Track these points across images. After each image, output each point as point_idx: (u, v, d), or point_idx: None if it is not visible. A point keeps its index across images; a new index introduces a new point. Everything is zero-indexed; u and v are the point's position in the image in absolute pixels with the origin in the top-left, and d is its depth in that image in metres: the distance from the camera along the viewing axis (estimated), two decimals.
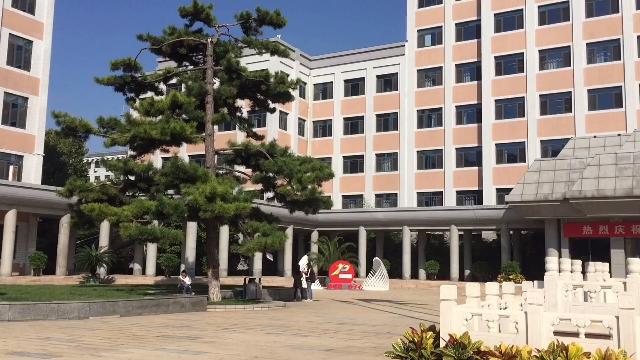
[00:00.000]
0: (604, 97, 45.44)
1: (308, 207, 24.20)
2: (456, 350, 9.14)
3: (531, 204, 36.03)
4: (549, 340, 8.92)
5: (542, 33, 48.11)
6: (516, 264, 39.02)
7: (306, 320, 17.81)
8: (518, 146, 48.21)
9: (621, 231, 34.66)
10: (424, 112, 53.09)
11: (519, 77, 48.58)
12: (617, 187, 32.74)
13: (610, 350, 8.36)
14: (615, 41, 45.43)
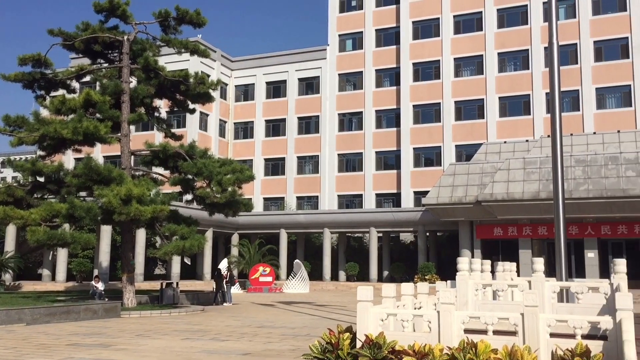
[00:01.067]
0: (514, 104, 47.73)
1: (228, 209, 23.92)
2: (372, 350, 9.29)
3: (446, 206, 37.27)
4: (460, 338, 9.22)
5: (457, 42, 49.95)
6: (432, 265, 40.25)
7: (224, 325, 17.58)
8: (434, 150, 49.77)
9: (529, 232, 36.49)
10: (345, 115, 53.80)
11: (435, 84, 50.19)
12: (525, 190, 34.44)
13: (515, 347, 8.75)
14: (524, 51, 47.83)
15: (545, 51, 46.69)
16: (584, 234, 35.13)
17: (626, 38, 45.03)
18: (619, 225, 34.47)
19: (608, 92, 45.38)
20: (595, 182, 33.24)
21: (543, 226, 35.51)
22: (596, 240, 35.08)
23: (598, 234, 35.01)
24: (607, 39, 45.60)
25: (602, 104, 45.50)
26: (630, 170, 32.99)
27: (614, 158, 33.85)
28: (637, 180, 32.45)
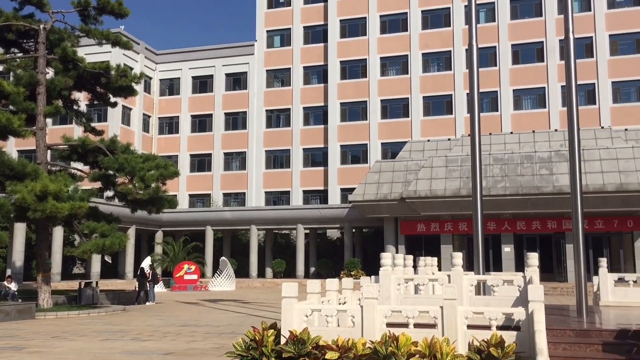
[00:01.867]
0: (437, 104, 49.11)
1: (151, 206, 23.32)
2: (296, 346, 9.31)
3: (372, 203, 37.89)
4: (383, 332, 9.40)
5: (383, 41, 50.83)
6: (357, 261, 40.83)
7: (146, 324, 17.14)
8: (361, 148, 50.48)
9: (450, 228, 37.68)
10: (272, 112, 53.62)
11: (362, 82, 50.88)
12: (447, 188, 35.53)
13: (435, 338, 9.01)
14: (447, 53, 49.28)
15: (466, 52, 48.29)
16: (501, 230, 36.63)
17: (541, 42, 47.25)
18: (533, 221, 36.17)
19: (524, 94, 47.50)
20: (512, 180, 34.72)
21: (463, 222, 36.75)
22: (512, 236, 36.67)
23: (514, 229, 36.60)
24: (523, 42, 47.69)
25: (518, 105, 47.56)
26: (544, 168, 34.68)
27: (529, 157, 35.48)
28: (550, 178, 34.14)
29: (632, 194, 32.67)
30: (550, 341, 9.49)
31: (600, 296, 15.46)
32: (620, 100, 45.46)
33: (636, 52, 45.33)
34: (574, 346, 9.62)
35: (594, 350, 9.53)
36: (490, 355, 8.69)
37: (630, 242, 35.32)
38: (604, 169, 33.77)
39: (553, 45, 46.50)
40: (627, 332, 9.96)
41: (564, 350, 9.55)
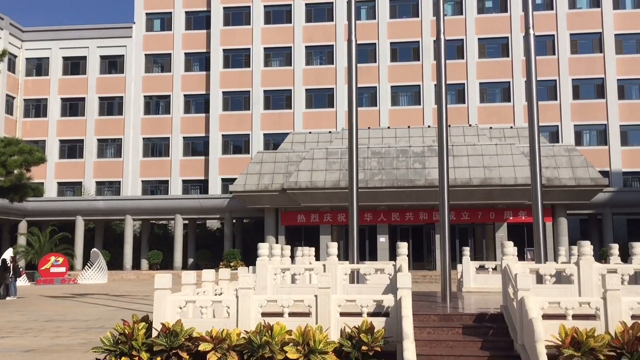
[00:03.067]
0: (319, 97, 49.92)
1: (14, 194, 21.72)
2: (168, 338, 9.08)
3: (253, 193, 37.80)
4: (258, 322, 9.42)
5: (267, 31, 50.72)
6: (237, 252, 40.62)
7: (6, 320, 15.95)
8: (243, 138, 50.14)
9: (329, 219, 38.55)
10: (151, 98, 51.75)
11: (245, 72, 50.49)
12: (327, 179, 36.27)
13: (309, 326, 9.18)
14: (329, 47, 50.16)
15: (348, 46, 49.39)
16: (377, 221, 38.04)
17: (417, 42, 49.45)
18: (407, 212, 37.91)
19: (401, 91, 49.55)
20: (388, 173, 36.13)
21: (342, 213, 37.71)
22: (387, 226, 38.21)
23: (389, 220, 38.15)
24: (402, 41, 49.67)
25: (396, 102, 49.53)
26: (418, 162, 36.42)
27: (404, 151, 37.08)
28: (422, 172, 35.92)
29: (494, 188, 35.20)
30: (416, 326, 9.99)
31: (464, 283, 16.52)
32: (486, 101, 48.74)
33: (501, 56, 48.78)
34: (438, 330, 10.21)
35: (455, 333, 10.16)
36: (360, 341, 9.00)
37: (492, 232, 38.06)
38: (471, 164, 36.07)
39: (428, 46, 48.82)
40: (485, 316, 10.72)
41: (428, 334, 10.09)
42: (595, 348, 8.50)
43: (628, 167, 46.43)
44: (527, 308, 9.06)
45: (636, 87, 47.47)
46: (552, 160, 36.45)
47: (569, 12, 48.53)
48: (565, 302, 9.34)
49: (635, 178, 46.82)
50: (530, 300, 9.17)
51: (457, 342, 9.84)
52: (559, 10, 48.50)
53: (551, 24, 48.33)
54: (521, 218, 36.96)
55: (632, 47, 47.86)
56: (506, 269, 10.90)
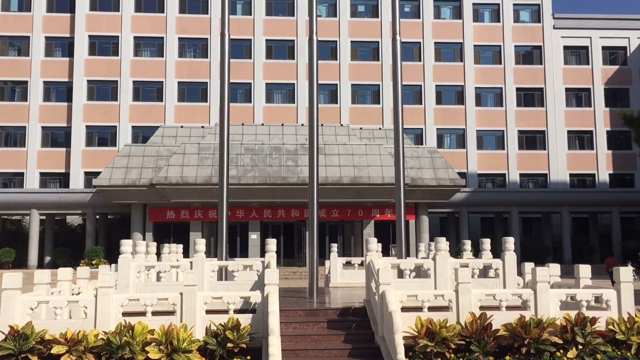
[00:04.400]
0: (192, 90, 48.78)
1: None
2: (17, 342, 8.44)
3: (119, 188, 36.13)
4: (118, 322, 9.02)
5: (138, 20, 48.69)
6: (100, 249, 38.65)
7: None
8: (110, 130, 47.76)
9: (200, 215, 37.83)
10: (6, 83, 47.67)
11: (113, 60, 48.12)
12: (199, 175, 35.55)
13: (172, 325, 8.95)
14: (204, 40, 49.19)
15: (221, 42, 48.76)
16: (249, 217, 37.95)
17: (292, 41, 49.97)
18: (279, 209, 38.18)
19: (276, 88, 49.79)
20: (261, 170, 36.16)
21: (214, 210, 37.15)
22: (259, 223, 38.24)
23: (261, 217, 38.21)
24: (277, 39, 49.90)
25: (270, 99, 49.68)
26: (290, 160, 36.80)
27: (277, 148, 37.30)
28: (295, 169, 36.35)
29: (363, 187, 36.46)
30: (282, 321, 10.10)
31: (331, 278, 16.96)
32: (358, 102, 50.37)
33: (372, 60, 50.64)
34: (304, 325, 10.39)
35: (320, 327, 10.40)
36: (226, 338, 8.93)
37: (360, 229, 39.42)
38: (342, 163, 37.09)
39: (303, 45, 49.48)
40: (349, 310, 11.08)
41: (294, 329, 10.24)
42: (447, 338, 9.09)
43: (483, 169, 50.18)
44: (387, 301, 9.49)
45: (491, 96, 51.40)
46: (416, 161, 38.46)
47: (434, 22, 51.43)
48: (422, 295, 9.90)
49: (489, 179, 50.72)
50: (391, 294, 9.61)
51: (321, 336, 10.08)
52: (425, 19, 51.25)
53: (418, 31, 50.95)
54: (387, 216, 38.62)
55: (489, 58, 51.74)
56: (370, 264, 11.34)
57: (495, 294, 10.02)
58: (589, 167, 50.97)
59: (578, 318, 9.48)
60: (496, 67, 51.33)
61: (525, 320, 9.38)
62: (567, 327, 9.36)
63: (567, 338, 9.26)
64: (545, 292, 9.91)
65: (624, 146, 50.36)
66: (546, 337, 9.17)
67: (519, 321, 9.37)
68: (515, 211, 45.56)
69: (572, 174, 50.82)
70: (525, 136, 50.93)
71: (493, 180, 50.66)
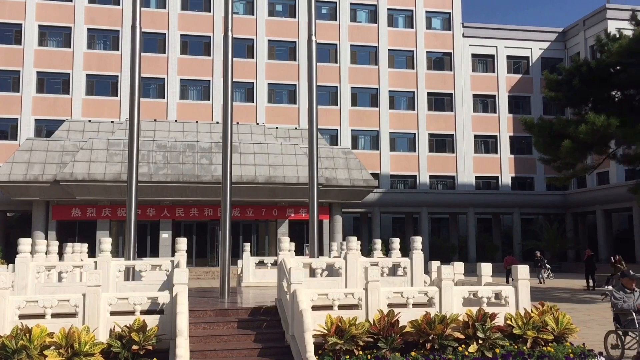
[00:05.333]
0: (102, 83, 46.90)
1: None
2: None
3: (20, 184, 34.14)
4: (14, 325, 8.53)
5: (43, 8, 46.23)
6: None
7: None
8: (10, 122, 45.05)
9: (108, 214, 36.42)
10: None
11: (15, 49, 45.41)
12: (107, 172, 34.24)
13: (74, 328, 8.56)
14: (115, 32, 47.42)
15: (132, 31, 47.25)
16: (160, 216, 36.96)
17: (209, 37, 49.19)
18: (191, 208, 37.45)
19: (190, 85, 48.84)
20: (174, 167, 35.33)
21: (123, 208, 35.88)
22: (171, 222, 37.34)
23: (173, 216, 37.33)
24: (192, 34, 48.97)
25: (185, 95, 48.68)
26: (205, 158, 36.19)
27: (191, 146, 36.57)
28: (209, 167, 35.79)
29: (278, 186, 36.44)
30: (192, 322, 9.91)
31: (243, 278, 16.83)
32: (274, 101, 50.32)
33: (289, 59, 50.74)
34: (214, 325, 10.25)
35: (230, 327, 10.30)
36: (131, 340, 8.65)
37: (274, 229, 39.38)
38: (257, 162, 36.89)
39: (220, 41, 48.83)
40: (260, 309, 11.04)
41: (204, 330, 10.08)
42: (356, 335, 9.24)
43: (395, 171, 51.53)
44: (298, 300, 9.53)
45: (404, 99, 52.88)
46: (331, 162, 38.90)
47: (350, 25, 52.26)
48: (332, 294, 10.01)
49: (401, 180, 52.16)
50: (302, 293, 9.66)
51: (231, 336, 9.98)
52: (341, 22, 51.96)
53: (334, 33, 51.59)
54: (302, 215, 38.81)
55: (403, 63, 53.20)
56: (282, 263, 11.35)
57: (403, 292, 10.30)
58: (493, 170, 53.55)
59: (479, 314, 9.91)
60: (409, 72, 52.84)
61: (430, 316, 9.70)
62: (469, 323, 9.76)
63: (468, 333, 9.66)
64: (450, 289, 10.29)
65: (525, 151, 53.31)
66: (449, 333, 9.53)
67: (424, 318, 9.68)
68: (424, 211, 47.13)
69: (478, 176, 53.19)
70: (435, 139, 52.77)
71: (404, 182, 52.13)
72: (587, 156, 26.43)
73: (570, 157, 23.72)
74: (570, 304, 20.32)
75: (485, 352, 9.42)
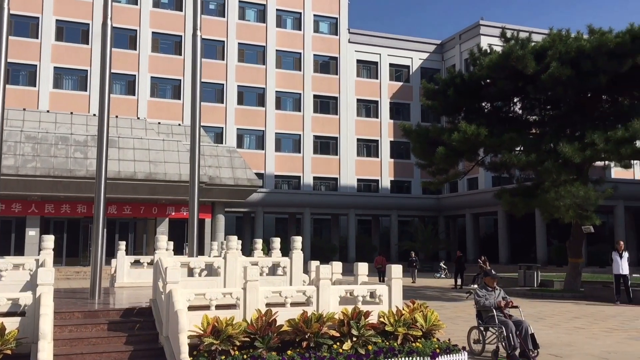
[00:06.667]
0: None
1: None
2: None
3: None
4: None
5: None
6: None
7: None
8: None
9: None
10: None
11: None
12: None
13: None
14: None
15: None
16: (27, 212, 34.49)
17: (87, 24, 46.70)
18: (63, 204, 35.32)
19: (65, 73, 46.10)
20: (44, 160, 33.12)
21: None
22: (39, 219, 34.95)
23: (42, 212, 34.98)
24: (68, 20, 46.31)
25: (59, 84, 45.86)
26: (79, 152, 34.26)
27: (64, 138, 34.48)
28: (84, 162, 33.93)
29: (158, 183, 35.30)
30: (57, 324, 9.33)
31: (117, 278, 16.11)
32: (157, 95, 48.75)
33: (174, 53, 49.41)
34: (81, 327, 9.71)
35: (100, 329, 9.80)
36: None
37: (153, 227, 38.11)
38: (137, 158, 35.52)
39: (98, 30, 46.52)
40: (133, 310, 10.61)
41: (70, 332, 9.52)
42: (233, 335, 9.15)
43: (279, 171, 51.81)
44: (174, 300, 9.27)
45: (290, 100, 53.33)
46: (215, 160, 38.32)
47: (238, 22, 51.86)
48: (210, 294, 9.84)
49: (285, 181, 52.53)
50: (177, 293, 9.41)
51: (101, 339, 9.51)
52: (229, 19, 51.43)
53: (222, 30, 50.95)
54: (183, 214, 37.89)
55: (290, 64, 53.63)
56: (158, 262, 10.99)
57: (282, 291, 10.34)
58: (374, 173, 55.45)
59: (354, 312, 10.18)
60: (296, 73, 53.36)
61: (307, 315, 9.81)
62: (344, 321, 9.99)
63: (343, 331, 9.89)
64: (327, 288, 10.48)
65: (404, 156, 55.72)
66: (325, 331, 9.70)
67: (301, 317, 9.78)
68: (307, 212, 47.81)
69: (360, 179, 54.84)
70: (320, 141, 53.71)
71: (289, 182, 52.57)
72: (459, 163, 28.10)
73: (443, 163, 25.02)
74: (440, 302, 21.46)
75: (359, 349, 9.68)
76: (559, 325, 15.05)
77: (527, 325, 10.49)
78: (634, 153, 21.98)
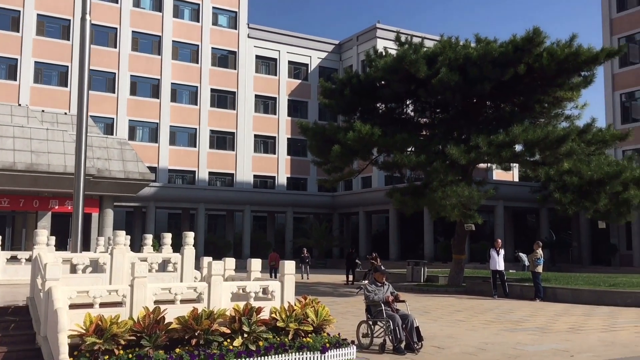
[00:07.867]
0: None
1: None
2: None
3: None
4: None
5: None
6: None
7: None
8: None
9: None
10: None
11: None
12: None
13: None
14: None
15: None
16: None
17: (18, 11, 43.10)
18: None
19: None
20: None
21: None
22: None
23: None
24: None
25: None
26: None
27: None
28: None
29: (41, 175, 33.18)
30: None
31: None
32: (41, 82, 45.86)
33: (62, 38, 46.68)
34: None
35: None
36: None
37: (34, 221, 35.80)
38: (17, 147, 33.20)
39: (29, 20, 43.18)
40: (8, 309, 9.93)
41: None
42: (117, 334, 8.78)
43: (173, 165, 50.47)
44: (53, 298, 8.75)
45: (187, 93, 52.08)
46: (104, 152, 36.61)
47: (132, 9, 49.90)
48: (94, 291, 9.39)
49: (179, 175, 51.26)
50: (58, 290, 8.89)
51: None
52: (123, 5, 49.36)
53: (115, 17, 48.81)
54: (68, 207, 35.85)
55: (187, 56, 52.35)
56: (37, 258, 10.33)
57: (171, 288, 10.06)
58: (271, 170, 55.48)
59: (246, 308, 10.10)
60: (193, 66, 52.24)
61: (197, 312, 9.62)
62: (235, 318, 9.89)
63: (234, 328, 9.79)
64: (219, 285, 10.33)
65: (301, 153, 56.17)
66: (216, 328, 9.55)
67: (191, 314, 9.57)
68: (202, 208, 46.97)
69: (256, 175, 54.65)
70: (216, 136, 52.93)
71: (183, 177, 51.38)
72: (354, 161, 28.70)
73: (339, 161, 25.46)
74: (331, 297, 21.85)
75: (250, 346, 9.63)
76: (442, 318, 15.80)
77: (412, 319, 10.91)
78: (513, 156, 23.49)
